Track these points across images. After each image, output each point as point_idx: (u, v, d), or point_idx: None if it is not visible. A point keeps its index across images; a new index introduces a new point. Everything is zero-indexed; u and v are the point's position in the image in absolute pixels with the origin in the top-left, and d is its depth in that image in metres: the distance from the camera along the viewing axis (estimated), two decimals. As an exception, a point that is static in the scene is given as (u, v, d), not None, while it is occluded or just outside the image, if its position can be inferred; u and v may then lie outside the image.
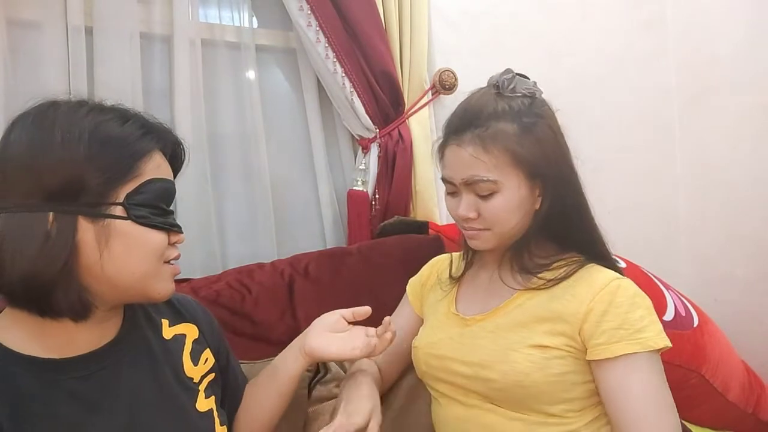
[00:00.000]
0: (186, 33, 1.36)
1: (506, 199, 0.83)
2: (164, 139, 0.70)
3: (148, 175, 0.66)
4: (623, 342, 0.76)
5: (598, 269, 0.85)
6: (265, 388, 0.87)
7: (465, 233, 0.89)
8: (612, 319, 0.77)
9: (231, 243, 1.46)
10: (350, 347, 0.83)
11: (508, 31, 1.77)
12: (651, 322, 0.78)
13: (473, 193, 0.84)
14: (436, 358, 0.91)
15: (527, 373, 0.78)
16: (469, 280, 0.99)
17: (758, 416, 1.44)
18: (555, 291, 0.84)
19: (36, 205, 0.60)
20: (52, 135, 0.61)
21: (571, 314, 0.80)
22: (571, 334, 0.79)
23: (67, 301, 0.61)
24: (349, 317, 0.89)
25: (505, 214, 0.84)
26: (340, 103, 1.49)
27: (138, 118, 0.68)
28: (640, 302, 0.80)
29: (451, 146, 0.86)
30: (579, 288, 0.82)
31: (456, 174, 0.85)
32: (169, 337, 0.78)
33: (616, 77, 1.97)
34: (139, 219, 0.64)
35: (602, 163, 1.92)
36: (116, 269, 0.63)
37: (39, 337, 0.64)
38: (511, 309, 0.87)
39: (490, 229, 0.85)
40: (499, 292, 0.90)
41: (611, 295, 0.79)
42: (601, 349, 0.77)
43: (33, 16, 1.21)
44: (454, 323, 0.92)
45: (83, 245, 0.62)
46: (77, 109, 0.64)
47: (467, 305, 0.94)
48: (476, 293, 0.95)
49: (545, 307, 0.83)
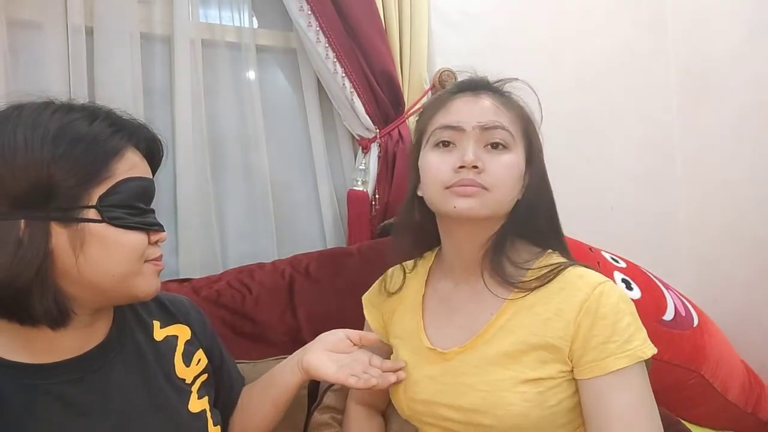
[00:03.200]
0: (186, 33, 1.36)
1: (516, 162, 0.78)
2: (137, 136, 0.68)
3: (122, 174, 0.64)
4: (612, 357, 0.72)
5: (578, 274, 0.78)
6: (261, 395, 0.85)
7: (458, 191, 0.76)
8: (599, 333, 0.73)
9: (231, 243, 1.46)
10: (347, 373, 0.77)
11: (508, 32, 1.77)
12: (637, 328, 0.75)
13: (482, 143, 0.77)
14: (420, 403, 0.82)
15: (525, 414, 0.73)
16: (433, 299, 0.88)
17: (758, 416, 1.44)
18: (539, 308, 0.77)
19: (5, 212, 0.58)
20: (14, 139, 0.59)
21: (559, 337, 0.75)
22: (562, 359, 0.75)
23: (43, 308, 0.60)
24: (356, 340, 0.83)
25: (511, 177, 0.77)
26: (340, 103, 1.49)
27: (108, 115, 0.66)
28: (625, 308, 0.76)
29: (464, 96, 0.80)
30: (563, 303, 0.76)
31: (470, 117, 0.77)
32: (160, 339, 0.77)
33: (616, 77, 1.97)
34: (113, 221, 0.62)
35: (602, 163, 1.93)
36: (94, 272, 0.62)
37: (23, 343, 0.63)
38: (492, 335, 0.79)
39: (489, 189, 0.76)
40: (474, 313, 0.82)
41: (596, 305, 0.74)
42: (590, 367, 0.73)
43: (33, 16, 1.21)
44: (431, 359, 0.83)
45: (57, 250, 0.60)
46: (42, 110, 0.62)
47: (440, 333, 0.84)
48: (447, 316, 0.85)
49: (531, 330, 0.76)
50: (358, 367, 0.78)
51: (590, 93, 1.90)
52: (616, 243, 1.56)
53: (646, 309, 1.30)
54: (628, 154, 1.98)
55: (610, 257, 1.43)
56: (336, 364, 0.80)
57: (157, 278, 0.69)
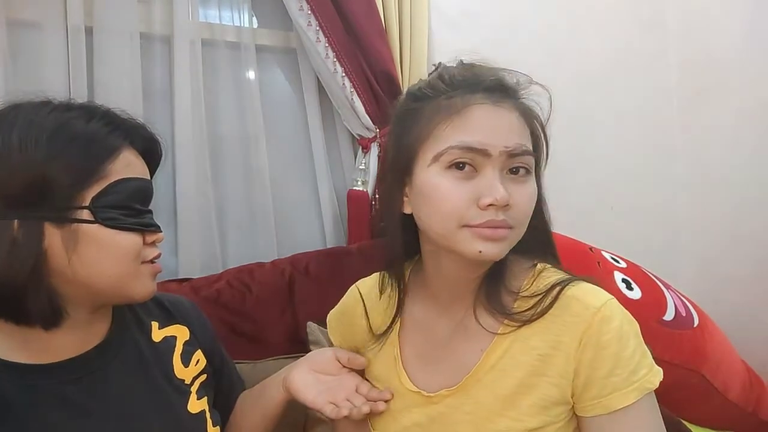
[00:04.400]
0: (186, 33, 1.35)
1: (534, 191, 0.66)
2: (133, 136, 0.67)
3: (117, 174, 0.63)
4: (617, 393, 0.63)
5: (574, 297, 0.67)
6: (253, 405, 0.84)
7: (485, 233, 0.63)
8: (602, 366, 0.63)
9: (231, 243, 1.46)
10: (327, 400, 0.72)
11: (508, 31, 1.77)
12: (642, 354, 0.65)
13: (502, 171, 0.64)
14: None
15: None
16: (411, 328, 0.76)
17: (759, 416, 1.44)
18: (534, 340, 0.67)
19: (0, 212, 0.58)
20: (9, 139, 0.58)
21: (560, 375, 0.65)
22: (564, 399, 0.66)
23: (36, 308, 0.60)
24: (344, 361, 0.78)
25: (531, 210, 0.66)
26: (340, 102, 1.49)
27: (106, 114, 0.65)
28: (628, 330, 0.65)
29: (484, 105, 0.64)
30: (561, 335, 0.66)
31: (496, 139, 0.63)
32: (159, 340, 0.76)
33: (616, 77, 1.97)
34: (107, 222, 0.61)
35: (602, 163, 1.93)
36: (88, 273, 0.61)
37: (21, 343, 0.63)
38: (484, 374, 0.68)
39: (514, 227, 0.64)
40: (461, 348, 0.71)
41: (596, 335, 0.64)
42: (593, 404, 0.64)
43: (33, 16, 1.21)
44: (416, 402, 0.72)
45: (51, 250, 0.60)
46: (39, 109, 0.61)
47: (424, 372, 0.73)
48: (430, 352, 0.73)
49: (529, 370, 0.66)
50: (341, 393, 0.73)
51: (590, 92, 1.90)
52: (616, 243, 1.56)
53: (646, 309, 1.30)
54: (628, 153, 1.98)
55: (610, 257, 1.43)
56: (318, 387, 0.75)
57: (153, 281, 0.69)
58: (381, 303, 0.79)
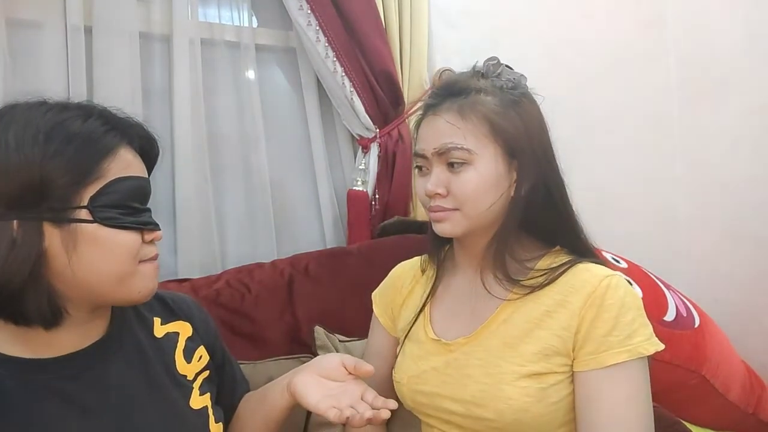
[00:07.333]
0: (185, 32, 1.35)
1: (480, 174, 0.76)
2: (130, 135, 0.67)
3: (115, 173, 0.63)
4: (612, 351, 0.71)
5: (585, 268, 0.78)
6: (255, 409, 0.84)
7: (432, 216, 0.81)
8: (602, 325, 0.72)
9: (231, 243, 1.46)
10: (331, 405, 0.72)
11: (509, 31, 1.77)
12: (641, 324, 0.74)
13: (444, 165, 0.78)
14: (423, 395, 0.82)
15: (525, 409, 0.73)
16: (442, 292, 0.90)
17: (759, 416, 1.44)
18: (543, 299, 0.77)
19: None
20: (6, 139, 0.58)
21: (563, 328, 0.74)
22: (566, 351, 0.74)
23: (36, 308, 0.60)
24: (350, 367, 0.77)
25: (478, 192, 0.77)
26: (340, 102, 1.48)
27: (102, 114, 0.65)
28: (631, 302, 0.74)
29: (428, 117, 0.81)
30: (569, 295, 0.76)
31: (428, 144, 0.79)
32: (161, 335, 0.77)
33: (616, 77, 1.97)
34: (106, 221, 0.61)
35: (602, 163, 1.93)
36: (87, 273, 0.61)
37: (21, 339, 0.63)
38: (496, 326, 0.79)
39: (459, 209, 0.78)
40: (479, 305, 0.83)
41: (601, 297, 0.74)
42: (589, 359, 0.72)
43: (33, 16, 1.21)
44: (436, 350, 0.83)
45: (51, 251, 0.60)
46: (35, 109, 0.61)
47: (446, 325, 0.85)
48: (453, 308, 0.86)
49: (534, 322, 0.77)
50: (345, 399, 0.73)
51: (590, 93, 1.90)
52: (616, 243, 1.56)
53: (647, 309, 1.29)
54: (628, 154, 1.98)
55: (610, 257, 1.43)
56: (322, 392, 0.75)
57: (153, 280, 0.68)
58: (423, 278, 0.94)
